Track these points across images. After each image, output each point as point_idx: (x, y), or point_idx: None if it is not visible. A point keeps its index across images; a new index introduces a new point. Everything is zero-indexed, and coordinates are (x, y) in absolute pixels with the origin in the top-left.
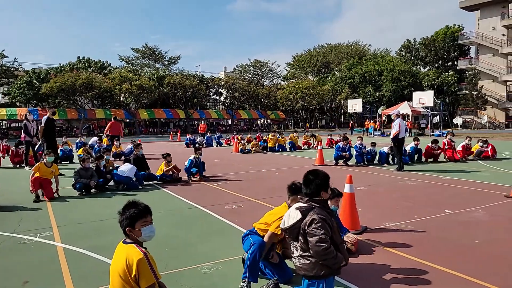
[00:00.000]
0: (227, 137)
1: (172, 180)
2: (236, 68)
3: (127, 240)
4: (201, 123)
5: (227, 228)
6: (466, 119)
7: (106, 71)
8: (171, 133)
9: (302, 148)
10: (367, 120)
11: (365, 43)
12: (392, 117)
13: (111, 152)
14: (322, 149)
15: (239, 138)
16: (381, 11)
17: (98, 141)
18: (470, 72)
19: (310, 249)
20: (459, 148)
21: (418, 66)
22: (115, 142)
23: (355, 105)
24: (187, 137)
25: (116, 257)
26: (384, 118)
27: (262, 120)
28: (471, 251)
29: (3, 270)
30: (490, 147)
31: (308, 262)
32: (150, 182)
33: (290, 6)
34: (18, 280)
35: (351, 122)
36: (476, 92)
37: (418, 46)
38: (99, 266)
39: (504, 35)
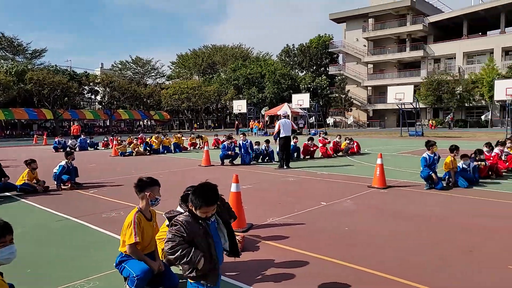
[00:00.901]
0: (105, 139)
1: (36, 191)
2: (115, 65)
3: None
4: (73, 124)
5: (105, 239)
6: (336, 119)
7: None
8: (35, 136)
9: (189, 149)
10: (251, 120)
11: (249, 46)
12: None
13: None
14: (209, 149)
15: (118, 140)
16: (263, 17)
17: None
18: (339, 77)
19: None
20: (330, 145)
21: (296, 70)
22: None
23: (240, 106)
24: (56, 140)
25: None
26: (267, 118)
27: (145, 120)
28: (342, 237)
29: None
30: (356, 144)
31: None
32: (7, 194)
33: (172, 4)
34: None
35: (237, 122)
36: (344, 95)
37: (296, 51)
38: None
39: (365, 46)
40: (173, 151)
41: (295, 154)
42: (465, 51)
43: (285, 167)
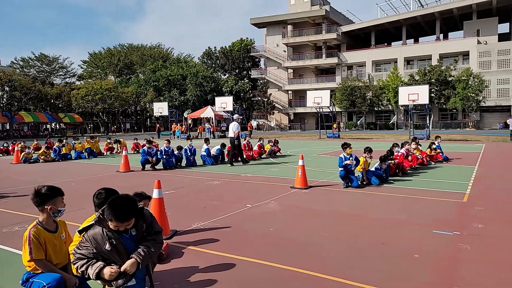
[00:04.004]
0: (5, 144)
1: None
2: (16, 61)
3: None
4: None
5: (7, 257)
6: (260, 122)
7: None
8: None
9: (105, 154)
10: (173, 123)
11: (168, 47)
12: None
13: None
14: (128, 154)
15: (21, 145)
16: (183, 17)
17: None
18: (261, 81)
19: None
20: (255, 148)
21: (219, 73)
22: None
23: (161, 108)
24: None
25: None
26: (190, 121)
27: (53, 124)
28: (267, 239)
29: None
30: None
31: None
32: None
33: None
34: None
35: (158, 125)
36: (266, 99)
37: (218, 54)
38: None
39: (285, 51)
40: (87, 157)
41: (220, 157)
42: (373, 59)
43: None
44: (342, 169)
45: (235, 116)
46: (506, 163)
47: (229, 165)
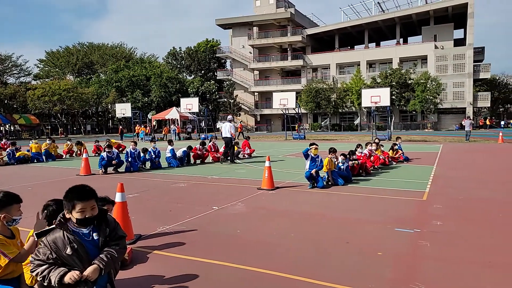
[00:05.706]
0: None
1: None
2: None
3: None
4: None
5: None
6: None
7: None
8: None
9: (64, 156)
10: (137, 125)
11: (131, 46)
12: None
13: None
14: (88, 157)
15: None
16: (147, 17)
17: None
18: (227, 82)
19: None
20: (221, 149)
21: (184, 74)
22: None
23: (123, 110)
24: None
25: None
26: (154, 123)
27: (7, 125)
28: (234, 240)
29: None
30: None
31: None
32: None
33: None
34: None
35: (120, 127)
36: (232, 100)
37: (183, 55)
38: None
39: (250, 53)
40: (44, 160)
41: (185, 159)
42: (337, 62)
43: (228, 162)
44: (308, 169)
45: (229, 117)
46: (462, 163)
47: (229, 162)
